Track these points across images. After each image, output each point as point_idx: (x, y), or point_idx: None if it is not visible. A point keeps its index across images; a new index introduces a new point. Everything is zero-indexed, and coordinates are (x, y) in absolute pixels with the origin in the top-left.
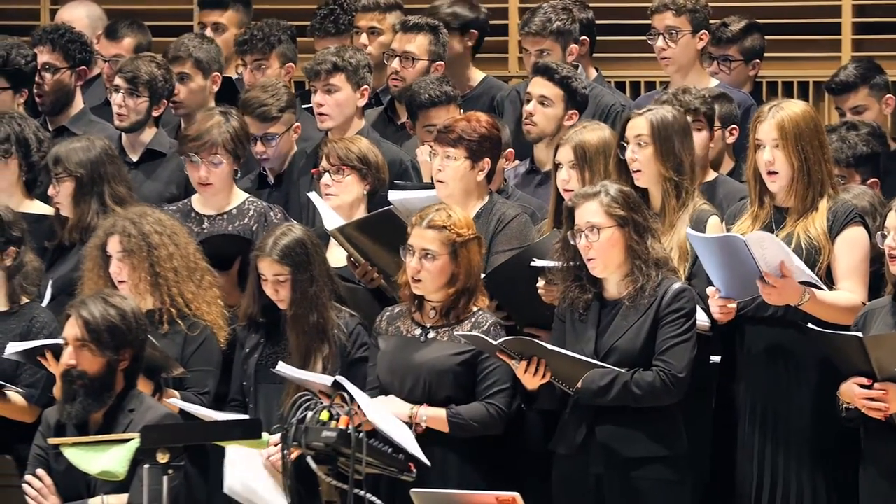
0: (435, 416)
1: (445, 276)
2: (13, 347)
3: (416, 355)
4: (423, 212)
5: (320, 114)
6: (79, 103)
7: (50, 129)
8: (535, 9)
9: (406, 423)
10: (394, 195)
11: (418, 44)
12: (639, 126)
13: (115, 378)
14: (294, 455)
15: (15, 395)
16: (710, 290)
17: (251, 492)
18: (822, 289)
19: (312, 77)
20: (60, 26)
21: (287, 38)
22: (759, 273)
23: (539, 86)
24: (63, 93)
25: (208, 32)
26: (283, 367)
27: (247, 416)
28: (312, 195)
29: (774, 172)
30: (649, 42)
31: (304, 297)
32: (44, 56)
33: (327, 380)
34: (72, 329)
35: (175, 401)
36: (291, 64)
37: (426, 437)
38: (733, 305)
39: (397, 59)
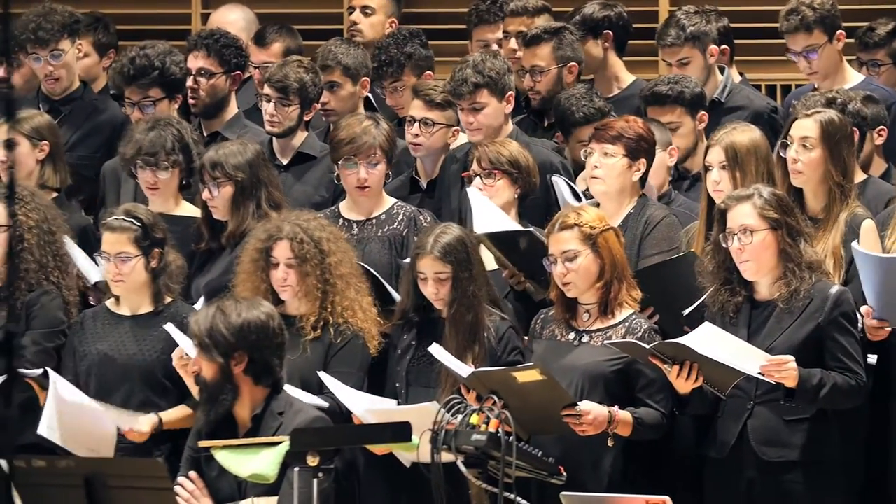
0: (624, 420)
1: (593, 272)
2: (171, 328)
3: (568, 359)
4: (553, 219)
5: (471, 130)
6: (233, 108)
7: (204, 133)
8: (667, 20)
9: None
10: (558, 179)
11: (542, 55)
12: (807, 128)
13: (232, 382)
14: (444, 459)
15: (175, 411)
16: (864, 309)
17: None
18: None
19: (456, 98)
20: (216, 31)
21: (417, 47)
22: None
23: (658, 115)
24: (218, 98)
25: (357, 16)
26: (435, 349)
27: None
28: (472, 191)
29: None
30: (792, 61)
31: (463, 295)
32: (199, 61)
33: (466, 370)
34: (191, 337)
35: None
36: (429, 72)
37: (579, 438)
38: (888, 329)
39: (528, 74)
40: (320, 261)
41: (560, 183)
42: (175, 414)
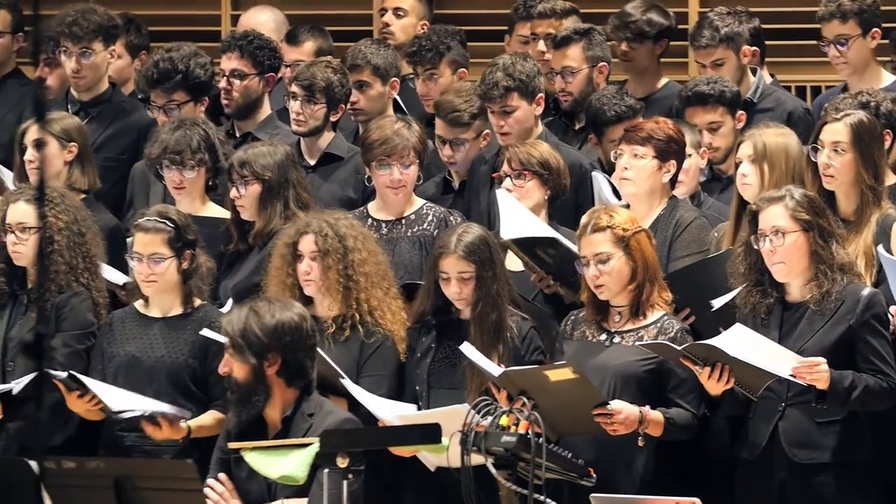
0: (655, 420)
1: (625, 274)
2: (207, 332)
3: (600, 359)
4: (584, 222)
5: (501, 133)
6: (266, 109)
7: (237, 134)
8: (700, 21)
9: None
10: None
11: (573, 55)
12: (837, 132)
13: (265, 383)
14: (474, 461)
15: (206, 416)
16: (893, 309)
17: None
18: None
19: (486, 101)
20: (249, 33)
21: (457, 44)
22: None
23: (700, 115)
24: (251, 99)
25: (389, 17)
26: (467, 348)
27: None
28: (500, 193)
29: None
30: (823, 50)
31: (487, 294)
32: (232, 62)
33: (497, 370)
34: (223, 338)
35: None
36: (463, 70)
37: (612, 439)
38: None
39: (559, 76)
40: (343, 255)
41: (600, 179)
42: (204, 420)
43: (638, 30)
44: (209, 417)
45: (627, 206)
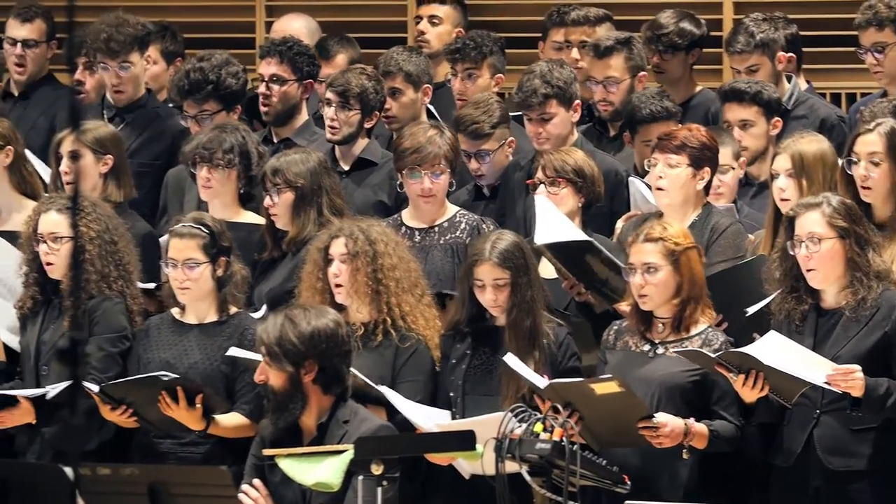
0: (700, 432)
1: (670, 287)
2: (234, 352)
3: (644, 370)
4: (639, 229)
5: (539, 141)
6: (304, 115)
7: (274, 140)
8: (735, 27)
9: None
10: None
11: (615, 66)
12: (872, 143)
13: (302, 391)
14: (509, 468)
15: (228, 416)
16: None
17: None
18: None
19: (524, 108)
20: (288, 39)
21: (498, 50)
22: None
23: (735, 111)
24: (289, 105)
25: (423, 24)
26: (510, 359)
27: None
28: (539, 198)
29: None
30: (860, 58)
31: (522, 301)
32: (271, 68)
33: (542, 382)
34: (258, 346)
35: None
36: (501, 75)
37: (657, 448)
38: None
39: (600, 85)
40: (372, 258)
41: (637, 184)
42: (224, 419)
43: (669, 42)
44: (230, 418)
45: (661, 215)
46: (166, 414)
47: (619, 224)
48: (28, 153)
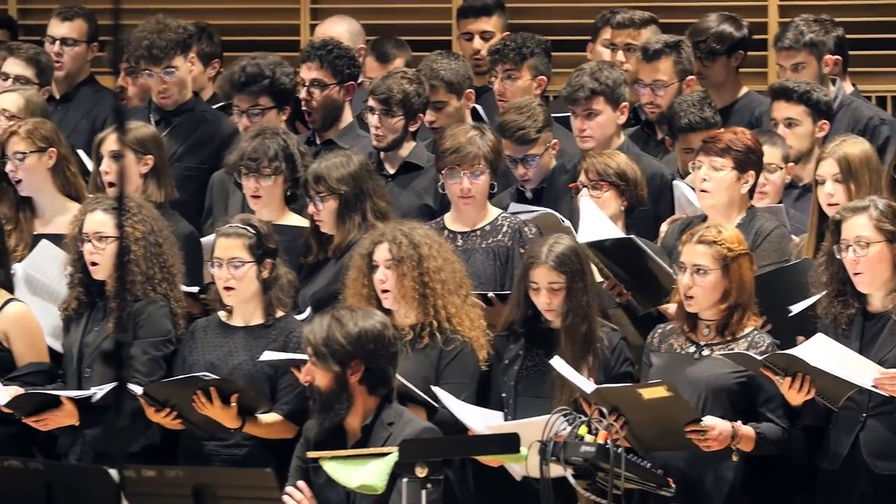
0: (747, 435)
1: (718, 291)
2: (268, 356)
3: (690, 371)
4: (695, 229)
5: (582, 137)
6: (347, 117)
7: (317, 142)
8: (787, 24)
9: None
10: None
11: (664, 69)
12: None
13: (348, 391)
14: (554, 471)
15: (267, 416)
16: None
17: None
18: None
19: (571, 103)
20: (328, 42)
21: (541, 52)
22: None
23: (782, 109)
24: (332, 108)
25: (476, 42)
26: (557, 362)
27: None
28: (585, 200)
29: None
30: None
31: (577, 305)
32: (312, 72)
33: (589, 386)
34: (304, 346)
35: None
36: (543, 77)
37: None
38: None
39: (648, 88)
40: (418, 262)
41: (682, 187)
42: (262, 418)
43: (708, 48)
44: (268, 417)
45: (705, 218)
46: (203, 413)
47: (664, 227)
48: (81, 153)
